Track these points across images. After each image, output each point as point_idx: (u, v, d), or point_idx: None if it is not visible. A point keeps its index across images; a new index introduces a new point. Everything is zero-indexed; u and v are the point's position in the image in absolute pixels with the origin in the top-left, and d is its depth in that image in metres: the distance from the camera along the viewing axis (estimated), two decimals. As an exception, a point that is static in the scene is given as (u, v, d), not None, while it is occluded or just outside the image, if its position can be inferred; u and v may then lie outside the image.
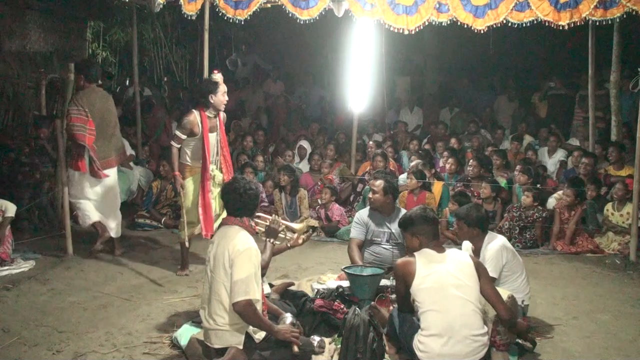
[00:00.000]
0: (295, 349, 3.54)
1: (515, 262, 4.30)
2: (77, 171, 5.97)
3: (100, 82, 6.42)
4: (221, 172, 5.71)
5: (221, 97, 5.53)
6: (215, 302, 3.55)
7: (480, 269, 3.54)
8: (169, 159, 7.70)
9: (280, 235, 4.23)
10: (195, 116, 5.51)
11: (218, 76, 5.56)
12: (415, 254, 3.60)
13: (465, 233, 4.36)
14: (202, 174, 5.54)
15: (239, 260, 3.49)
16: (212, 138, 5.60)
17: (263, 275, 4.20)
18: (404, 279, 3.52)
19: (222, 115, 5.73)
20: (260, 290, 3.61)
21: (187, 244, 5.68)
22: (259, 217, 4.15)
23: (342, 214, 7.44)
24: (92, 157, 5.91)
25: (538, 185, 7.24)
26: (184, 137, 5.52)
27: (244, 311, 3.46)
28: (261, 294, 3.65)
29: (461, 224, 4.35)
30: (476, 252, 4.32)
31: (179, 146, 5.56)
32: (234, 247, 3.52)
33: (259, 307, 3.58)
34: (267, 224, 4.13)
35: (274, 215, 4.28)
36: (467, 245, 4.43)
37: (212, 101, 5.51)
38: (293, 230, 4.38)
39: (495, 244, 4.23)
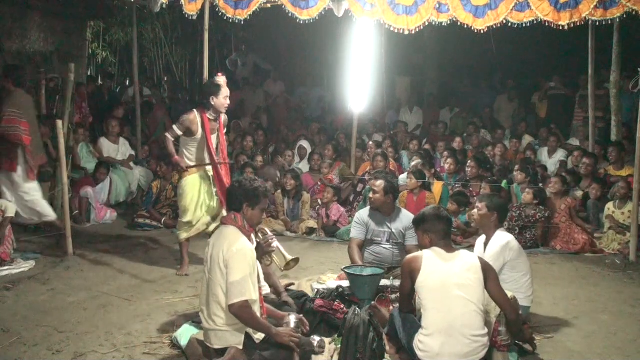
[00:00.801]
0: (296, 358, 3.53)
1: (520, 261, 4.27)
2: (12, 172, 6.10)
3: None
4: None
5: (222, 100, 5.53)
6: (214, 303, 3.55)
7: (488, 271, 3.53)
8: (166, 158, 7.76)
9: (272, 256, 4.10)
10: (195, 116, 5.53)
11: (221, 79, 5.55)
12: (423, 251, 3.61)
13: (483, 216, 4.33)
14: (213, 168, 5.59)
15: (233, 262, 3.48)
16: (213, 140, 5.61)
17: None
18: (410, 275, 3.53)
19: (224, 117, 5.74)
20: (257, 291, 3.59)
21: (186, 243, 5.71)
22: (259, 229, 4.11)
23: (342, 214, 7.44)
24: (28, 157, 6.08)
25: (540, 185, 7.25)
26: (179, 132, 5.56)
27: (240, 313, 3.46)
28: (258, 294, 3.64)
29: (482, 205, 4.35)
30: (487, 244, 4.31)
31: (172, 138, 5.61)
32: (228, 247, 3.52)
33: (256, 307, 3.57)
34: (260, 238, 4.01)
35: (271, 235, 4.06)
36: (479, 242, 4.44)
37: (213, 103, 5.52)
38: (283, 259, 4.23)
39: (499, 242, 4.22)
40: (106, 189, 8.01)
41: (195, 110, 5.59)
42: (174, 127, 5.60)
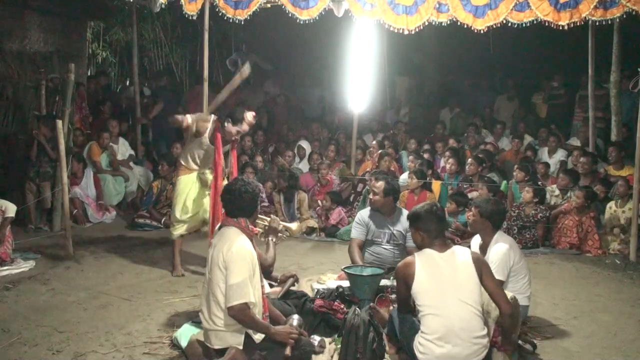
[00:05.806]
0: (288, 352, 3.52)
1: (520, 264, 4.28)
2: None
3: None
4: (212, 174, 5.63)
5: (231, 129, 5.36)
6: (214, 303, 3.54)
7: (481, 266, 3.47)
8: (166, 157, 7.77)
9: (278, 234, 4.36)
10: (212, 121, 5.43)
11: (249, 114, 5.42)
12: (415, 254, 3.56)
13: (477, 222, 4.38)
14: (215, 179, 5.43)
15: (233, 264, 3.48)
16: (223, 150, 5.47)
17: (270, 272, 4.24)
18: (405, 280, 3.50)
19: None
20: (257, 293, 3.59)
21: (178, 242, 5.69)
22: (258, 218, 4.17)
23: (342, 216, 7.43)
24: None
25: (540, 184, 7.26)
26: (189, 120, 5.39)
27: (238, 315, 3.45)
28: (260, 296, 3.64)
29: (475, 211, 4.40)
30: (484, 247, 4.31)
31: (180, 118, 5.44)
32: (229, 249, 3.51)
33: (256, 310, 3.56)
34: (266, 224, 4.17)
35: (272, 215, 4.37)
36: (475, 241, 4.44)
37: (224, 125, 5.40)
38: (289, 230, 4.54)
39: (503, 246, 4.21)
40: (91, 183, 7.91)
41: (214, 116, 5.49)
42: (187, 115, 5.45)
